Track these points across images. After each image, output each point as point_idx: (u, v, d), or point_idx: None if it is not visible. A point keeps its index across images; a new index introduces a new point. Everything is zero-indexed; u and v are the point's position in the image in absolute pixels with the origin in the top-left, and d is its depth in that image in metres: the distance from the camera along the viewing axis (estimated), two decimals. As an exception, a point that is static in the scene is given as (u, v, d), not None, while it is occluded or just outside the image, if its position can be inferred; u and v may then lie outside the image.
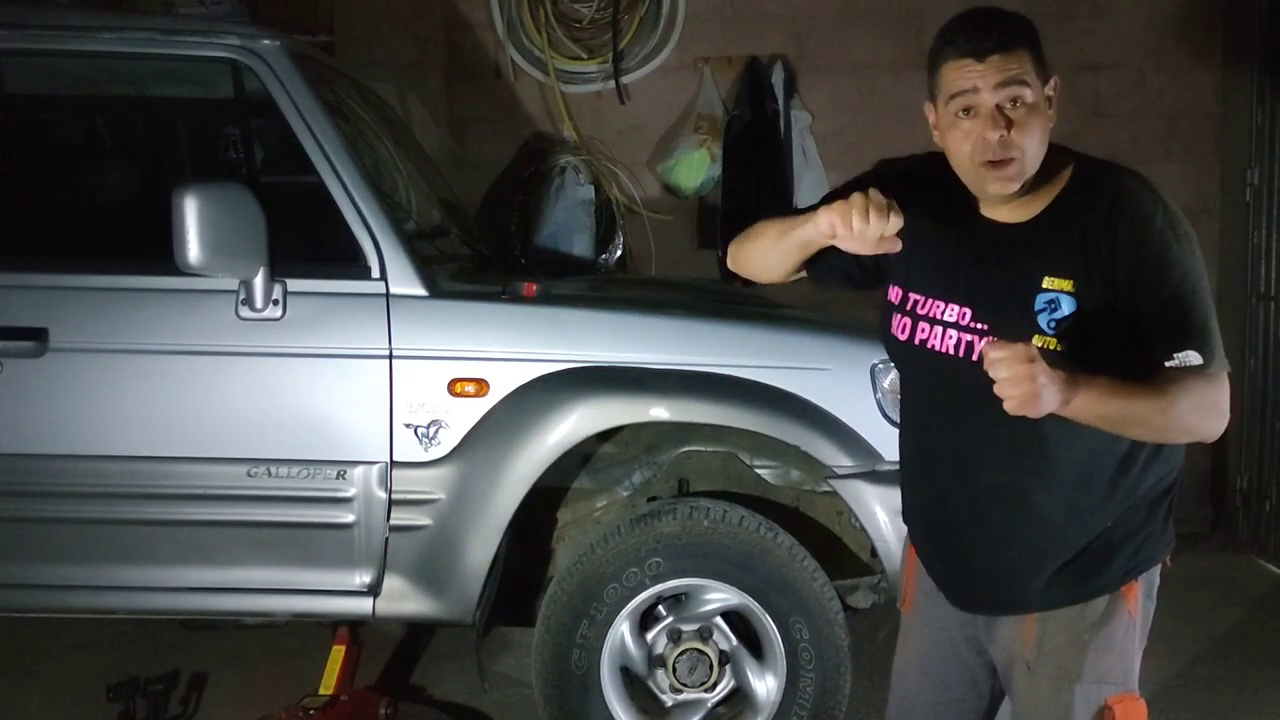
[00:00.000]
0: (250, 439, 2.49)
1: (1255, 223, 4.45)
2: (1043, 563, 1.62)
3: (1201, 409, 1.47)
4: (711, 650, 2.56)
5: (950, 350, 1.61)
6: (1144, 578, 1.65)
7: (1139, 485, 1.61)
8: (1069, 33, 4.63)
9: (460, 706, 3.09)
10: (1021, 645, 1.66)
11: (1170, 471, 1.66)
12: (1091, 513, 1.60)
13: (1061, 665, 1.63)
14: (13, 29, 2.58)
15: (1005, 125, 1.49)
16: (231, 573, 2.53)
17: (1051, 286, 1.52)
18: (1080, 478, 1.59)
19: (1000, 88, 1.49)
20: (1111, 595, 1.63)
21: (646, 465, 2.76)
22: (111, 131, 3.66)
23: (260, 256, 2.39)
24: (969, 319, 1.59)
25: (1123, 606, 1.63)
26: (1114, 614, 1.63)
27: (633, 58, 4.66)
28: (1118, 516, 1.61)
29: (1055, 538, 1.61)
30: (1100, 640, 1.62)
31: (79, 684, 3.16)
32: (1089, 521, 1.60)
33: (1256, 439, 4.45)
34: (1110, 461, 1.58)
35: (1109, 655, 1.63)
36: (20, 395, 2.47)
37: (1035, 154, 1.52)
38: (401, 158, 3.11)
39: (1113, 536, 1.61)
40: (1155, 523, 1.65)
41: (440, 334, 2.50)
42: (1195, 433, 1.49)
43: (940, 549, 1.75)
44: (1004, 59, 1.49)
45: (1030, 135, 1.50)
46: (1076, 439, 1.54)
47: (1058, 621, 1.63)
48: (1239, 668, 3.37)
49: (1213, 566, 4.34)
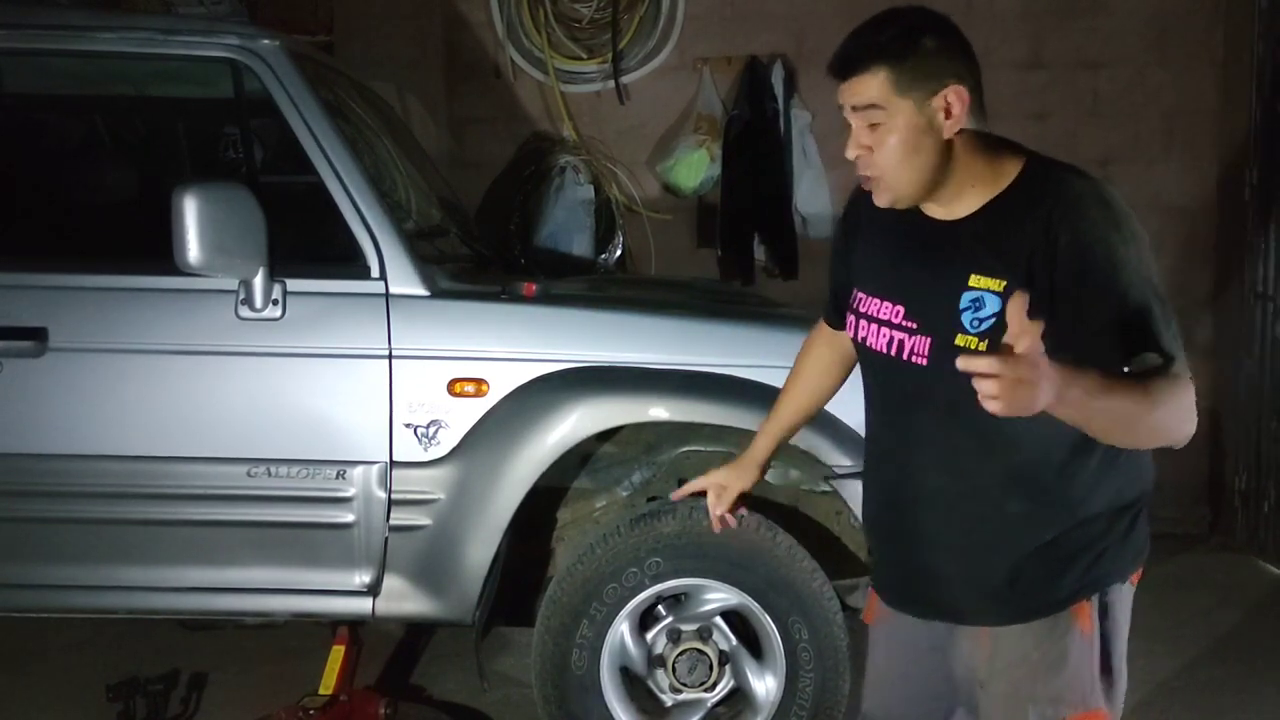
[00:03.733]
0: (250, 439, 2.49)
1: (1254, 222, 4.45)
2: (980, 572, 1.60)
3: (1178, 409, 1.41)
4: (711, 650, 2.56)
5: (884, 348, 1.60)
6: (1099, 598, 1.60)
7: (1089, 497, 1.56)
8: (1068, 30, 4.62)
9: (460, 706, 3.10)
10: (977, 662, 1.64)
11: (1131, 485, 1.61)
12: (1030, 522, 1.56)
13: (1013, 684, 1.60)
14: (13, 29, 2.58)
15: (865, 145, 1.50)
16: (231, 573, 2.53)
17: (978, 285, 1.49)
18: (1017, 485, 1.55)
19: (855, 111, 1.51)
20: (1061, 614, 1.58)
21: (646, 465, 2.77)
22: (111, 131, 3.66)
23: (260, 256, 2.40)
24: (901, 317, 1.58)
25: (1074, 626, 1.58)
26: (1065, 633, 1.58)
27: (632, 57, 4.67)
28: (1065, 529, 1.56)
29: (991, 546, 1.58)
30: (1052, 659, 1.58)
31: (79, 684, 3.16)
32: (1028, 532, 1.56)
33: (1254, 439, 4.45)
34: (1049, 470, 1.54)
35: (1062, 675, 1.58)
36: (20, 395, 2.47)
37: (897, 172, 1.50)
38: (401, 158, 3.11)
39: (1061, 550, 1.57)
40: (1112, 539, 1.59)
41: (440, 334, 2.51)
42: (1169, 435, 1.44)
43: (886, 549, 1.74)
44: (858, 82, 1.49)
45: (887, 155, 1.49)
46: (1013, 444, 1.52)
47: (1009, 639, 1.60)
48: (1237, 668, 3.37)
49: (1211, 567, 4.33)
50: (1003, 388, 1.23)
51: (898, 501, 1.67)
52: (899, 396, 1.62)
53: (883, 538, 1.75)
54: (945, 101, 1.48)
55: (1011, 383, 1.23)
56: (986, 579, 1.60)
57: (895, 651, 1.79)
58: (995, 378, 1.23)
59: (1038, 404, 1.26)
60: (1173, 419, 1.41)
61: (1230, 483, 4.61)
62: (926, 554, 1.64)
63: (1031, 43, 4.64)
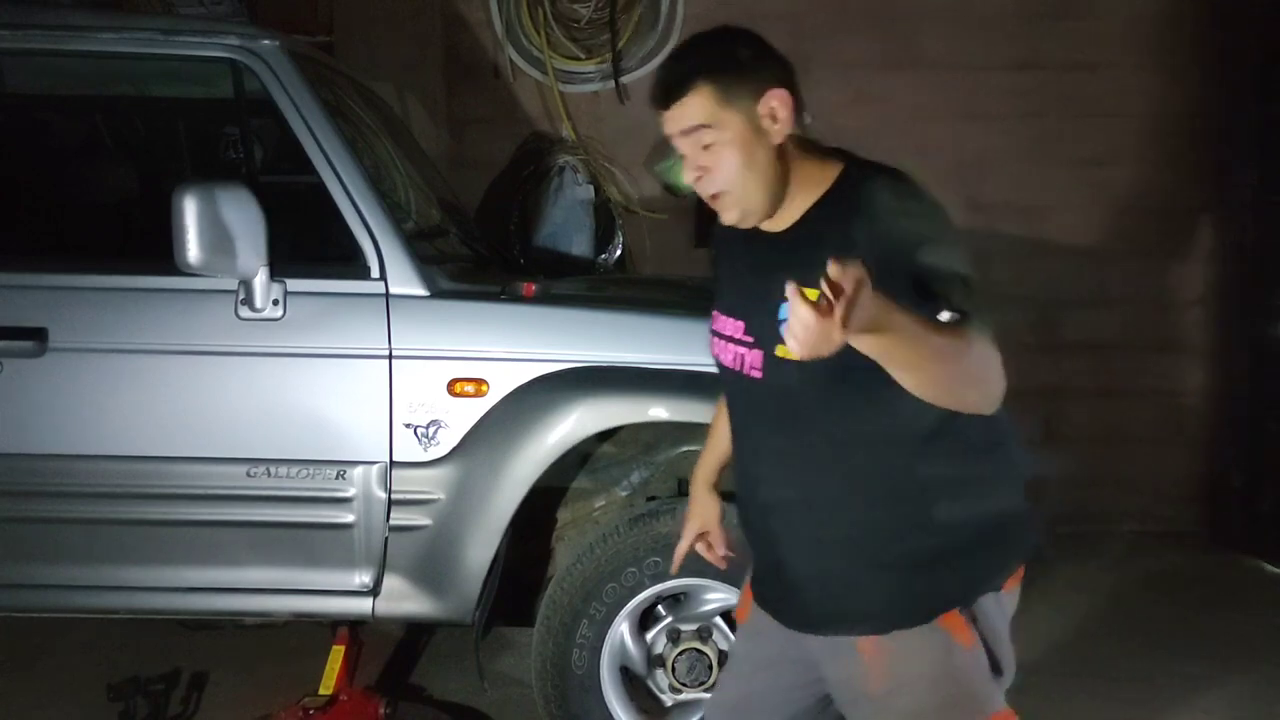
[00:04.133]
0: (250, 439, 2.49)
1: (1248, 223, 4.46)
2: (826, 581, 1.59)
3: (988, 361, 1.36)
4: (711, 650, 2.56)
5: (731, 364, 1.62)
6: (967, 609, 1.56)
7: (944, 506, 1.54)
8: (1062, 31, 4.64)
9: (460, 706, 3.10)
10: (849, 675, 1.61)
11: (993, 493, 1.58)
12: (879, 531, 1.55)
13: (890, 695, 1.57)
14: (13, 29, 2.58)
15: (703, 165, 1.52)
16: (231, 573, 2.53)
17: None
18: (861, 494, 1.54)
19: (684, 135, 1.52)
20: (931, 628, 1.55)
21: (645, 465, 2.77)
22: (111, 131, 3.66)
23: (260, 256, 2.40)
24: (742, 332, 1.59)
25: (954, 642, 1.55)
26: (947, 650, 1.55)
27: (631, 57, 4.68)
28: (920, 539, 1.54)
29: (843, 554, 1.57)
30: (937, 676, 1.55)
31: (79, 684, 3.16)
32: (879, 541, 1.55)
33: (1252, 439, 4.46)
34: (894, 477, 1.53)
35: (952, 692, 1.55)
36: (20, 395, 2.48)
37: (739, 185, 1.52)
38: (401, 158, 3.11)
39: (917, 559, 1.55)
40: (976, 548, 1.57)
41: (440, 334, 2.51)
42: (984, 388, 1.38)
43: (755, 554, 1.74)
44: (682, 106, 1.51)
45: (725, 170, 1.51)
46: (848, 453, 1.52)
47: (882, 652, 1.57)
48: (1234, 667, 3.38)
49: (1208, 566, 4.35)
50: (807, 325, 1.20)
51: (757, 511, 1.67)
52: (743, 410, 1.65)
53: (752, 543, 1.73)
54: (770, 107, 1.51)
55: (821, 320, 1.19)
56: (841, 588, 1.59)
57: (756, 652, 1.76)
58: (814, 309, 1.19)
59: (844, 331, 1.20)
60: (986, 369, 1.37)
61: (1228, 482, 4.62)
62: (786, 561, 1.63)
63: (1024, 44, 4.65)
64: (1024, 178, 4.78)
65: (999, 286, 4.77)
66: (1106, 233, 4.79)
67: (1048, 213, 4.80)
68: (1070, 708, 3.09)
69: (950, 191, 4.72)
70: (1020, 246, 4.80)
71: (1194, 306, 4.79)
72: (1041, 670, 3.33)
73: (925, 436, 1.52)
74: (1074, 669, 3.35)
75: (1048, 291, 4.80)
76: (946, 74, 4.69)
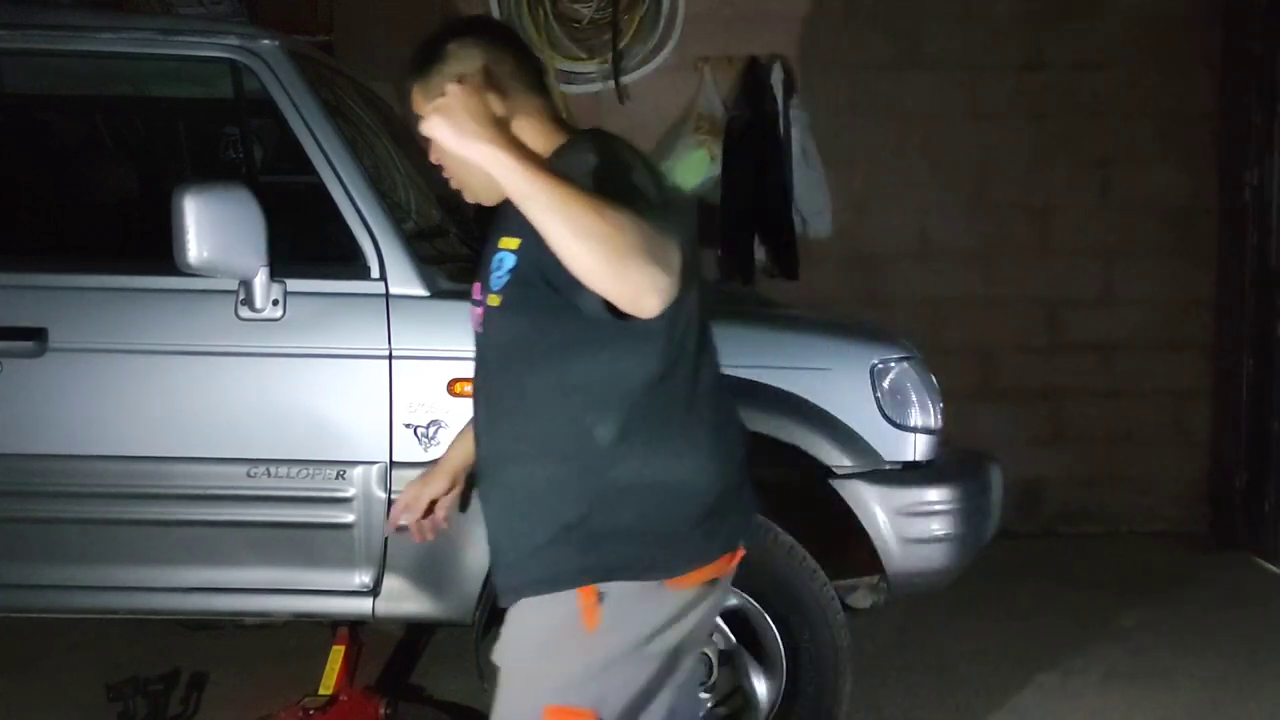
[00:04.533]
0: (250, 439, 2.49)
1: (1252, 223, 4.45)
2: (510, 543, 1.58)
3: (653, 239, 1.31)
4: (711, 650, 2.56)
5: (476, 326, 1.65)
6: (609, 588, 1.51)
7: (610, 473, 1.51)
8: (1066, 31, 4.63)
9: (460, 706, 3.09)
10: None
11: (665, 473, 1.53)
12: (556, 495, 1.53)
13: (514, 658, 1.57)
14: (13, 29, 2.58)
15: (435, 160, 1.60)
16: (231, 573, 2.53)
17: (503, 247, 1.55)
18: (542, 455, 1.54)
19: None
20: (565, 596, 1.51)
21: (646, 465, 2.76)
22: (111, 131, 3.66)
23: (260, 257, 2.39)
24: (479, 293, 1.64)
25: (579, 618, 1.51)
26: (572, 622, 1.51)
27: (632, 58, 4.67)
28: (592, 509, 1.51)
29: (523, 516, 1.56)
30: (545, 641, 1.54)
31: (79, 684, 3.16)
32: (556, 505, 1.53)
33: (1255, 439, 4.45)
34: (570, 442, 1.52)
35: (555, 660, 1.53)
36: (20, 395, 2.47)
37: (463, 174, 1.58)
38: (401, 158, 3.11)
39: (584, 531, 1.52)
40: (642, 530, 1.52)
41: (440, 334, 2.50)
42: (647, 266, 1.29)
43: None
44: (414, 105, 1.59)
45: (448, 162, 1.59)
46: (522, 410, 1.55)
47: (517, 613, 1.57)
48: (1237, 667, 3.37)
49: (1211, 566, 4.35)
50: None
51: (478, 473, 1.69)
52: (476, 370, 1.68)
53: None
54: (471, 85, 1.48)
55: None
56: (513, 550, 1.58)
57: None
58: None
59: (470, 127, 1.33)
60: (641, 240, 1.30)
61: (1231, 482, 4.62)
62: (488, 524, 1.64)
63: (1030, 44, 4.65)
64: (1030, 178, 4.77)
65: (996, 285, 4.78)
66: (1112, 233, 4.78)
67: (1053, 213, 4.80)
68: (1073, 706, 3.09)
69: (956, 191, 4.73)
70: (1026, 246, 4.79)
71: (1199, 307, 4.78)
72: (1045, 668, 3.33)
73: (605, 402, 1.51)
74: (1078, 667, 3.34)
75: (1053, 291, 4.79)
76: (952, 74, 4.69)
